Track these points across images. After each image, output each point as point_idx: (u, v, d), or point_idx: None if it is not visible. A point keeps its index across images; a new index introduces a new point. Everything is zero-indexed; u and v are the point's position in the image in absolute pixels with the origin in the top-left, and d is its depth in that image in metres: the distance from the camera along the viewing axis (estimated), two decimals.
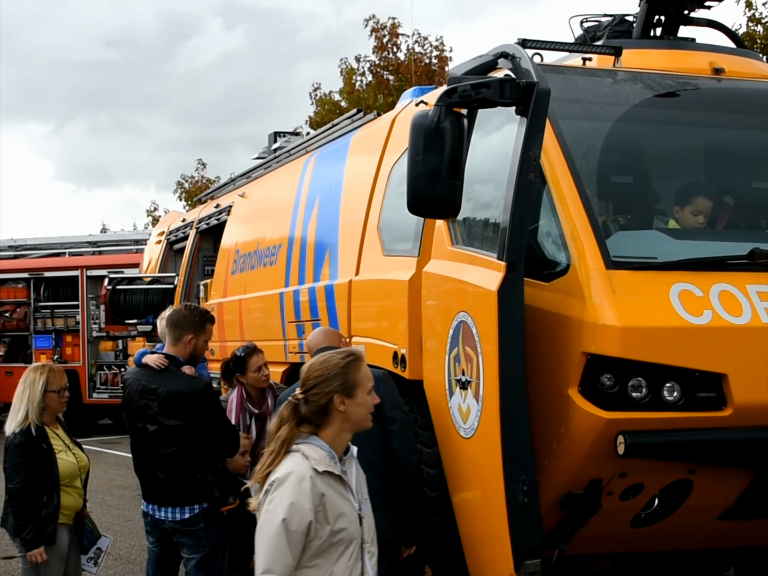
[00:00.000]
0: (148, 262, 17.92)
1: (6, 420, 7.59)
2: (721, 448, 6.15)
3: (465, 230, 7.00)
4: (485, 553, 6.43)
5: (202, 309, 7.62)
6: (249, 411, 8.31)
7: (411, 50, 30.40)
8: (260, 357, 8.35)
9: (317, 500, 4.51)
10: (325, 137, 11.36)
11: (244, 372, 8.29)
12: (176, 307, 7.55)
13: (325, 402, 4.71)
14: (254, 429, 8.27)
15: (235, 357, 8.35)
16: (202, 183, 41.08)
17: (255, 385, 8.33)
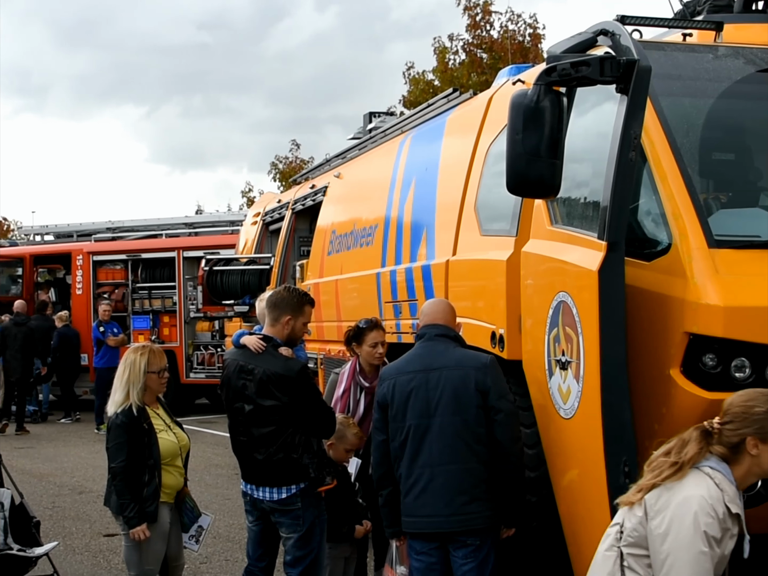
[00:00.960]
0: (244, 242, 18.03)
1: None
2: None
3: (564, 210, 6.96)
4: (586, 533, 6.39)
5: (302, 291, 7.66)
6: (360, 384, 8.42)
7: (504, 28, 30.24)
8: (379, 333, 8.46)
9: (720, 538, 4.52)
10: (420, 117, 11.34)
11: (360, 344, 8.42)
12: (276, 288, 7.59)
13: (737, 441, 4.68)
14: (363, 403, 8.36)
15: (356, 327, 8.52)
16: (296, 164, 41.31)
17: (368, 360, 8.42)
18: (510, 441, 6.46)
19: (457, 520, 6.42)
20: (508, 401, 6.57)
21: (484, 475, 6.44)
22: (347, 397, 8.40)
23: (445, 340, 6.74)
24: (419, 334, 6.91)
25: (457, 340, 6.82)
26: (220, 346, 22.53)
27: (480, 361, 6.59)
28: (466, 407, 6.45)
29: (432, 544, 6.55)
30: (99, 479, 14.85)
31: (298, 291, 7.57)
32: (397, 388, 6.68)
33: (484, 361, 6.60)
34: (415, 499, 6.55)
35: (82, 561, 10.58)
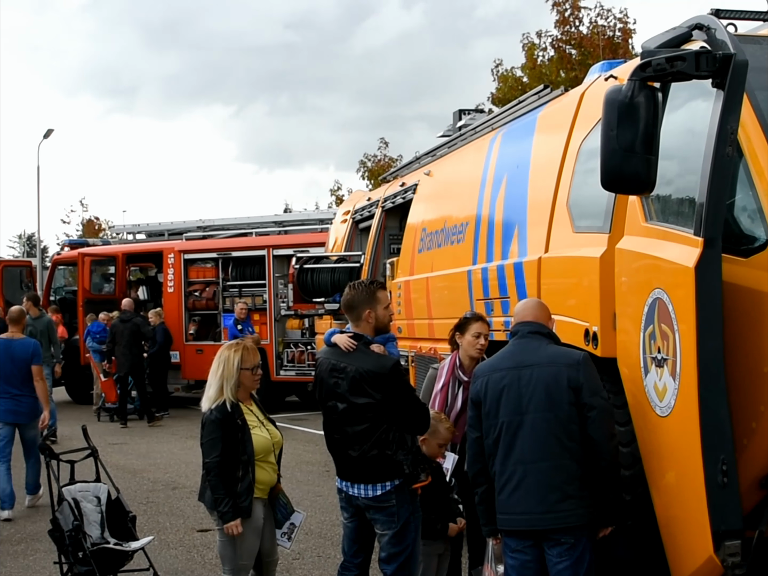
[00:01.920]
0: (334, 241, 18.10)
1: (201, 396, 7.81)
2: None
3: (659, 206, 6.90)
4: (683, 533, 6.35)
5: (367, 281, 7.67)
6: (459, 379, 8.46)
7: (593, 23, 30.02)
8: (482, 326, 8.56)
9: None
10: (511, 114, 11.31)
11: (462, 333, 8.50)
12: (344, 291, 7.60)
13: None
14: (461, 397, 8.39)
15: (463, 318, 8.64)
16: (384, 162, 41.42)
17: (468, 352, 8.45)
18: (604, 438, 6.40)
19: (551, 517, 6.39)
20: (602, 398, 6.51)
21: (578, 473, 6.41)
22: (446, 392, 8.43)
23: (538, 337, 6.72)
24: (513, 332, 6.90)
25: (551, 337, 6.80)
26: (310, 344, 22.65)
27: (573, 358, 6.56)
28: (559, 404, 6.43)
29: (526, 541, 6.53)
30: (192, 475, 15.04)
31: (363, 283, 7.59)
32: (490, 386, 6.68)
33: (576, 357, 6.56)
34: (509, 497, 6.54)
35: (176, 556, 10.71)
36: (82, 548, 8.77)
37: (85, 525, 9.00)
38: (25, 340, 13.24)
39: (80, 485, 9.36)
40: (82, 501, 9.17)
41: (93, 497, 9.30)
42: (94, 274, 27.68)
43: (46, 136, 51.54)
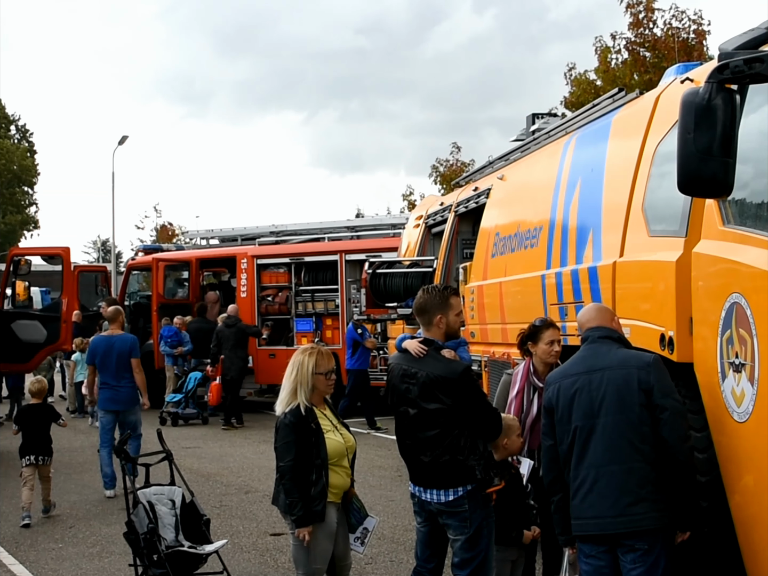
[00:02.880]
0: (407, 245, 18.12)
1: (274, 401, 7.84)
2: None
3: (737, 209, 6.82)
4: (761, 539, 6.27)
5: (440, 286, 7.67)
6: (534, 385, 8.43)
7: (668, 25, 29.77)
8: (555, 332, 8.53)
9: None
10: (585, 118, 11.25)
11: (536, 342, 8.46)
12: (417, 294, 7.61)
13: None
14: (536, 403, 8.35)
15: (532, 326, 8.59)
16: (456, 166, 41.36)
17: (544, 359, 8.45)
18: (677, 440, 6.35)
19: (624, 521, 6.35)
20: (674, 399, 6.46)
21: (651, 476, 6.36)
22: (521, 398, 8.40)
23: (608, 341, 6.71)
24: (583, 338, 6.87)
25: (621, 341, 6.77)
26: (383, 349, 22.66)
27: (643, 360, 6.53)
28: (630, 406, 6.40)
29: (601, 547, 6.49)
30: (264, 479, 15.11)
31: (437, 288, 7.60)
32: (562, 392, 6.67)
33: (647, 360, 6.53)
34: (582, 501, 6.51)
35: (249, 559, 10.76)
36: (156, 551, 8.86)
37: (160, 528, 9.09)
38: (124, 335, 15.22)
39: (155, 488, 9.46)
40: (156, 504, 9.26)
41: (168, 500, 9.39)
42: (167, 279, 27.92)
43: (121, 142, 52.20)
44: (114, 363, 14.73)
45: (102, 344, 14.95)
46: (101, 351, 14.82)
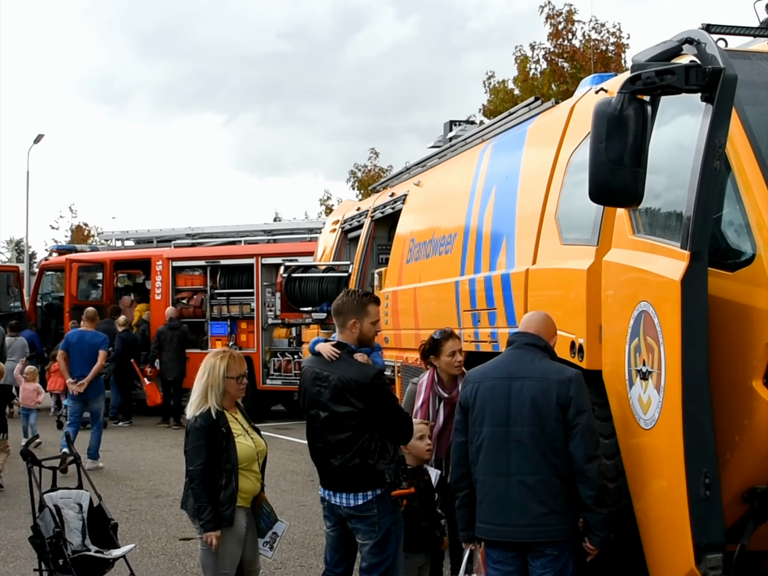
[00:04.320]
0: (323, 250, 18.10)
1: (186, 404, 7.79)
2: None
3: (647, 219, 6.91)
4: (665, 546, 6.35)
5: (363, 291, 7.66)
6: (439, 395, 8.42)
7: (587, 37, 30.05)
8: (455, 342, 8.48)
9: None
10: (501, 126, 11.31)
11: (437, 355, 8.43)
12: (338, 296, 7.62)
13: None
14: (442, 413, 8.35)
15: (431, 340, 8.54)
16: (374, 172, 41.38)
17: (447, 370, 8.43)
18: (583, 457, 6.34)
19: (533, 531, 6.38)
20: (588, 417, 6.46)
21: (561, 488, 6.39)
22: (426, 408, 8.38)
23: (533, 349, 6.69)
24: (509, 341, 6.89)
25: (547, 351, 6.76)
26: (297, 353, 22.64)
27: (565, 375, 6.51)
28: (546, 420, 6.40)
29: (509, 553, 6.51)
30: (175, 483, 15.00)
31: (359, 292, 7.60)
32: (480, 393, 6.66)
33: (569, 375, 6.52)
34: (490, 507, 6.53)
35: (158, 564, 10.67)
36: (62, 555, 8.71)
37: (67, 532, 8.93)
38: (95, 332, 17.50)
39: (62, 492, 9.30)
40: (63, 508, 9.11)
41: (75, 504, 9.24)
42: (81, 280, 27.57)
43: (37, 141, 51.55)
44: (85, 356, 16.71)
45: (75, 337, 17.15)
46: (74, 343, 16.94)
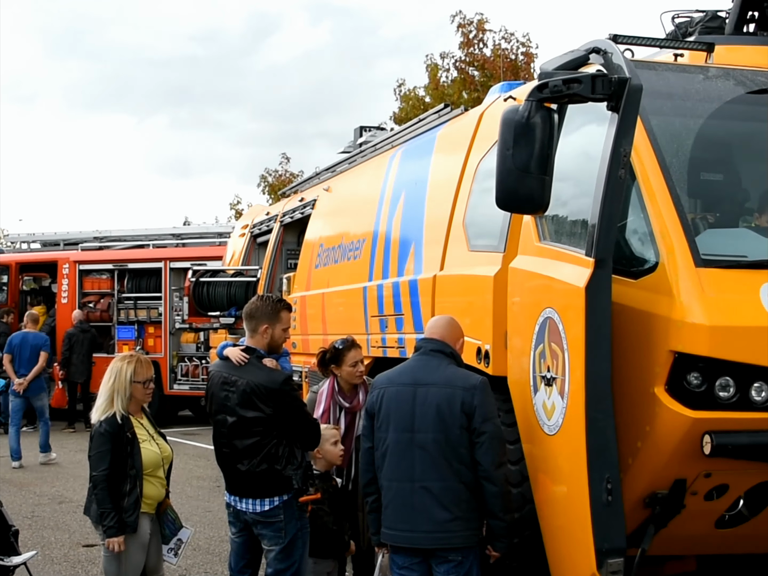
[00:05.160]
0: (232, 254, 18.02)
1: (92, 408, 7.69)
2: None
3: (553, 226, 6.97)
4: (567, 550, 6.40)
5: (276, 297, 7.64)
6: (339, 404, 8.35)
7: (497, 46, 30.29)
8: (358, 352, 8.40)
9: None
10: (411, 132, 11.33)
11: (339, 365, 8.34)
12: (251, 299, 7.59)
13: None
14: (343, 422, 8.30)
15: (334, 348, 8.41)
16: (285, 177, 41.26)
17: (349, 380, 8.37)
18: (491, 464, 6.39)
19: (437, 537, 6.40)
20: (494, 424, 6.51)
21: (465, 495, 6.42)
22: (327, 418, 8.32)
23: (439, 355, 6.70)
24: (416, 347, 6.90)
25: (453, 358, 6.77)
26: (205, 358, 22.50)
27: (469, 382, 6.53)
28: (450, 427, 6.42)
29: (414, 558, 6.53)
30: (79, 489, 14.79)
31: (272, 298, 7.58)
32: (385, 399, 6.66)
33: (473, 382, 6.54)
34: (395, 512, 6.54)
35: (60, 571, 10.52)
36: None
37: None
38: (37, 333, 18.74)
39: None
40: None
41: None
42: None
43: None
44: (27, 355, 17.77)
45: (18, 339, 18.16)
46: (17, 344, 17.94)
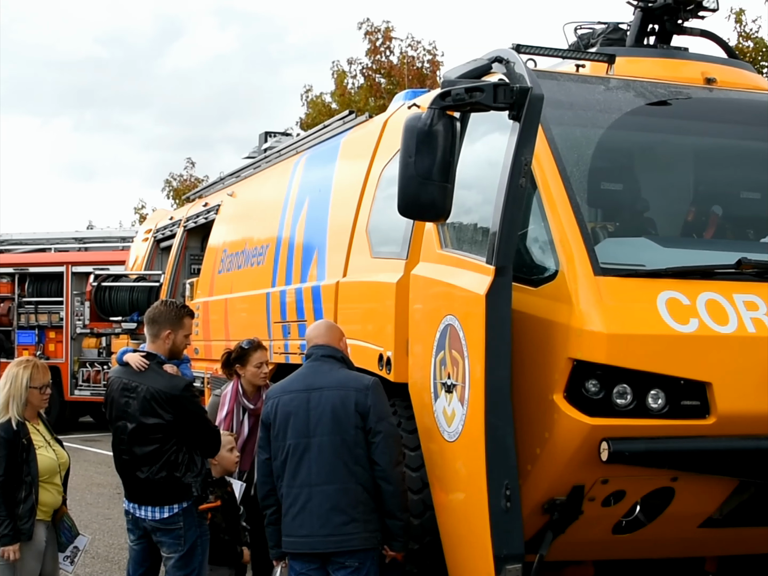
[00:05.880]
0: (135, 259, 17.90)
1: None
2: (704, 456, 6.15)
3: (454, 234, 6.99)
4: (466, 556, 6.42)
5: (180, 303, 7.62)
6: (243, 406, 8.34)
7: (404, 54, 30.39)
8: (263, 354, 8.41)
9: None
10: (316, 138, 11.33)
11: (244, 365, 8.34)
12: (153, 304, 7.54)
13: None
14: (247, 424, 8.29)
15: (239, 348, 8.42)
16: (190, 182, 41.02)
17: (253, 381, 8.36)
18: (389, 464, 6.43)
19: (334, 540, 6.39)
20: (389, 423, 6.56)
21: (363, 497, 6.43)
22: (230, 420, 8.30)
23: (330, 360, 6.72)
24: (307, 355, 6.90)
25: (344, 361, 6.81)
26: (107, 364, 22.27)
27: (362, 383, 6.58)
28: (345, 428, 6.44)
29: (312, 564, 6.51)
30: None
31: (176, 303, 7.55)
32: (280, 408, 6.65)
33: (366, 382, 6.59)
34: (294, 519, 6.52)
35: None
36: None
37: None
38: None
39: None
40: None
41: None
42: None
43: None
44: None
45: None
46: None
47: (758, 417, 6.08)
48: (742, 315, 6.13)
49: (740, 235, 7.41)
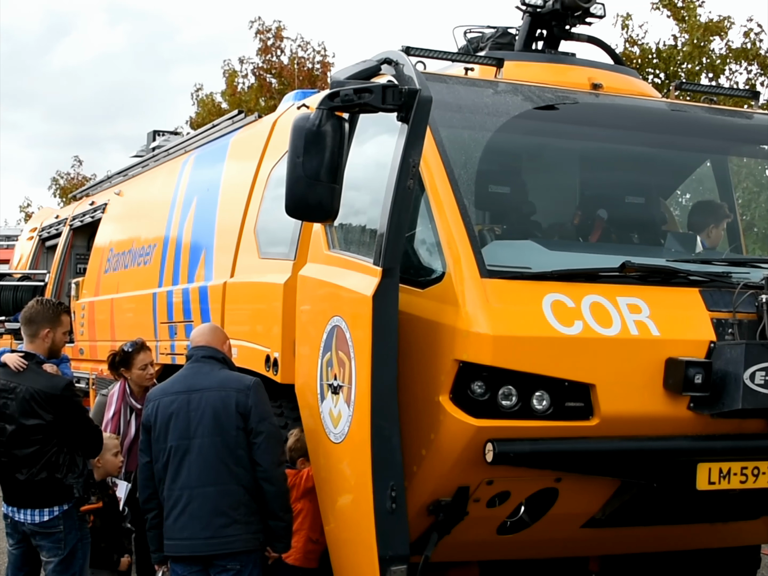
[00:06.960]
0: (20, 258, 17.65)
1: None
2: (587, 457, 6.21)
3: (342, 235, 6.99)
4: (351, 558, 6.41)
5: (55, 301, 7.59)
6: (131, 406, 8.29)
7: (294, 54, 30.36)
8: (147, 355, 8.39)
9: None
10: (205, 137, 11.24)
11: (129, 368, 8.28)
12: (28, 304, 7.44)
13: None
14: (134, 424, 8.25)
15: (122, 352, 8.39)
16: (78, 180, 40.49)
17: (139, 383, 8.32)
18: (271, 464, 6.44)
19: (215, 543, 6.36)
20: (271, 424, 6.57)
21: (244, 498, 6.41)
22: (117, 419, 8.23)
23: (211, 361, 6.70)
24: (188, 356, 6.87)
25: (225, 362, 6.78)
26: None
27: (243, 383, 6.57)
28: (227, 429, 6.42)
29: (193, 567, 6.46)
30: None
31: (52, 301, 7.52)
32: (160, 410, 6.61)
33: (247, 383, 6.58)
34: (175, 521, 6.46)
35: None
36: None
37: None
38: None
39: None
40: None
41: None
42: None
43: None
44: None
45: None
46: None
47: (640, 418, 6.16)
48: (625, 317, 6.20)
49: (625, 239, 7.52)
